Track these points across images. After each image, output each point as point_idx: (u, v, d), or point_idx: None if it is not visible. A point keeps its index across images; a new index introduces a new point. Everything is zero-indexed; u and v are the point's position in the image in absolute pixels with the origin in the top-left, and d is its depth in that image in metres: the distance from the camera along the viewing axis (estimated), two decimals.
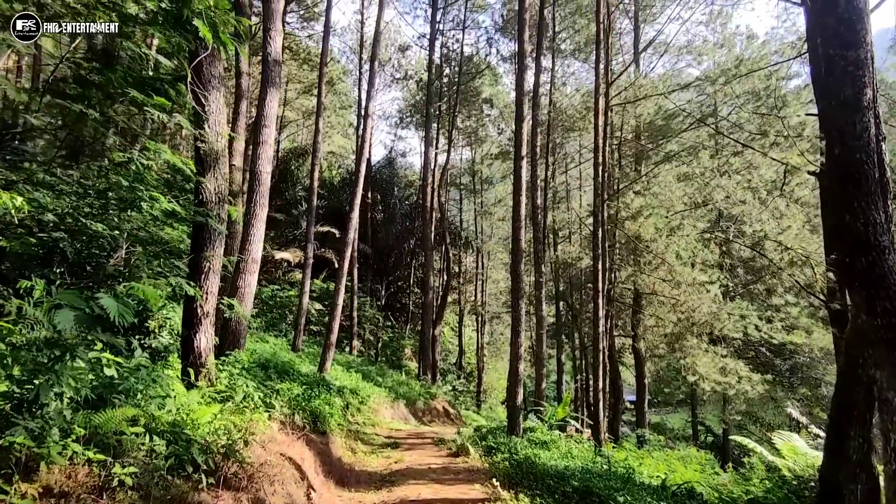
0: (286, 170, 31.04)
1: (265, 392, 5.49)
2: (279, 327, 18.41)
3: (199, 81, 4.95)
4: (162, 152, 3.87)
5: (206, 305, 4.92)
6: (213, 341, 5.14)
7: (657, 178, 16.28)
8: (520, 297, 9.34)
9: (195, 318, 4.89)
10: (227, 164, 5.21)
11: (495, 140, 32.52)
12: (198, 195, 4.97)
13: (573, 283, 25.07)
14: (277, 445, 4.54)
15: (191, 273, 4.97)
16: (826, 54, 3.73)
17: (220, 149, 5.08)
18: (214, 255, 4.99)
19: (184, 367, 4.86)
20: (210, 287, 4.94)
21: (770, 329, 15.47)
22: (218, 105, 5.08)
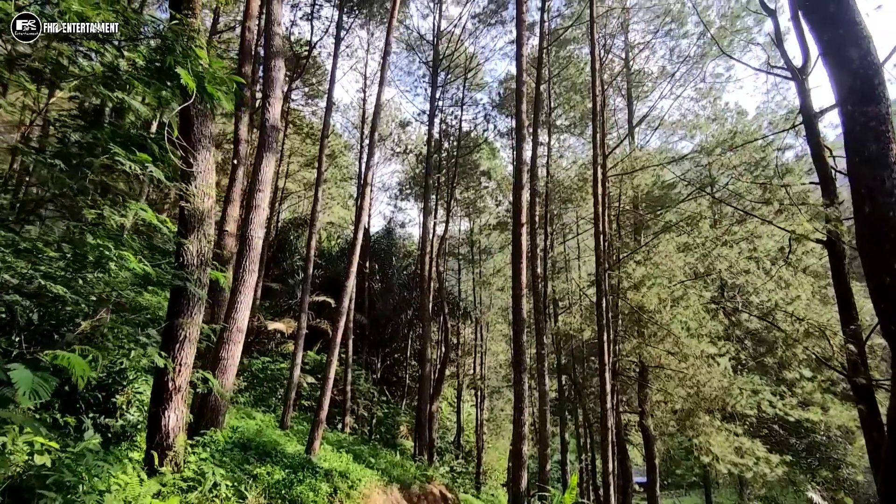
0: (285, 240, 31.06)
1: (239, 479, 4.88)
2: (268, 402, 17.50)
3: (188, 139, 4.78)
4: (138, 209, 3.58)
5: (178, 378, 4.45)
6: (185, 419, 4.61)
7: (657, 248, 16.11)
8: (522, 371, 8.79)
9: (165, 392, 4.41)
10: (213, 225, 4.93)
11: (493, 211, 32.86)
12: (178, 257, 4.65)
13: (575, 356, 24.30)
14: None
15: (164, 342, 4.55)
16: (845, 111, 3.54)
17: (206, 209, 4.82)
18: (192, 323, 4.58)
19: (148, 450, 4.31)
20: (184, 358, 4.49)
21: (784, 405, 14.72)
22: (206, 165, 4.88)
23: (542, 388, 14.24)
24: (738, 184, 12.03)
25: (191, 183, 4.72)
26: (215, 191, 5.04)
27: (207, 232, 4.80)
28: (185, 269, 4.58)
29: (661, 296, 14.77)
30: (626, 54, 19.04)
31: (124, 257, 3.31)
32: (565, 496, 10.36)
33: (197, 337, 4.66)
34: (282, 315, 21.88)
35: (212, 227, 4.90)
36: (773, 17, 10.87)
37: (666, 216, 16.31)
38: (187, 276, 4.52)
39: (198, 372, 4.71)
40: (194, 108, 4.80)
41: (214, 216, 4.99)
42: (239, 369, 18.13)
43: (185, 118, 4.83)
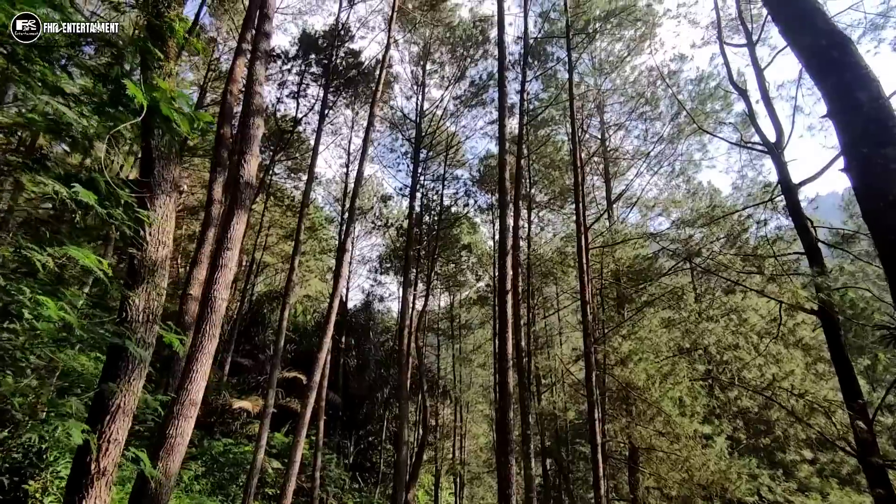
0: (258, 313, 30.03)
1: None
2: (228, 490, 15.85)
3: (146, 182, 4.35)
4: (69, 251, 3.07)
5: (103, 459, 3.71)
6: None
7: (642, 323, 15.77)
8: (510, 452, 8.00)
9: (84, 477, 3.65)
10: (166, 279, 4.39)
11: (474, 286, 32.54)
12: (122, 312, 4.06)
13: (560, 438, 23.08)
14: None
15: (92, 413, 3.85)
16: (857, 156, 3.31)
17: (160, 259, 4.30)
18: (129, 391, 3.91)
19: None
20: (114, 433, 3.78)
21: (784, 491, 13.87)
22: (165, 210, 4.42)
23: (527, 471, 13.19)
24: (721, 256, 11.94)
25: (146, 230, 4.24)
26: (172, 242, 4.54)
27: (159, 285, 4.25)
28: (128, 326, 3.98)
29: (649, 371, 14.20)
30: (602, 134, 19.72)
31: (42, 303, 2.75)
32: None
33: (133, 408, 3.97)
34: (249, 392, 20.52)
35: (164, 281, 4.36)
36: (744, 97, 11.31)
37: (649, 290, 16.11)
38: (129, 333, 3.92)
39: (129, 450, 3.97)
40: (156, 151, 4.42)
41: (170, 269, 4.46)
42: (198, 452, 16.61)
43: (146, 160, 4.44)
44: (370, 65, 21.37)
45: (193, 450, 16.22)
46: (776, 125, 10.44)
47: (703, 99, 15.26)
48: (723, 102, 15.85)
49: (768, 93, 10.78)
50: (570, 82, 11.92)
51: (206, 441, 16.89)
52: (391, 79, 23.28)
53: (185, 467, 15.13)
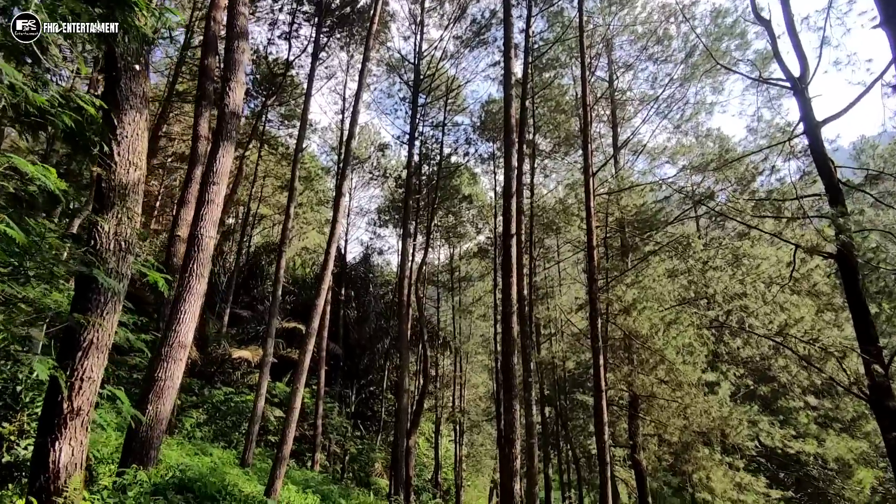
0: (256, 265, 29.76)
1: None
2: (230, 437, 15.96)
3: (112, 96, 3.83)
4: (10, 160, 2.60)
5: (77, 398, 3.37)
6: (86, 454, 3.50)
7: (646, 271, 15.46)
8: (513, 397, 7.79)
9: (57, 417, 3.32)
10: (139, 203, 3.93)
11: (474, 238, 32.15)
12: (90, 240, 3.62)
13: (559, 387, 23.27)
14: None
15: (63, 349, 3.48)
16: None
17: (131, 182, 3.84)
18: (102, 326, 3.53)
19: (30, 493, 3.19)
20: (87, 371, 3.42)
21: (783, 437, 13.94)
22: (135, 128, 3.92)
23: (529, 418, 13.18)
24: (734, 201, 11.45)
25: (113, 149, 3.75)
26: (145, 163, 4.06)
27: (131, 210, 3.81)
28: (96, 255, 3.56)
29: (653, 320, 14.00)
30: (611, 76, 18.84)
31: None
32: None
33: (108, 345, 3.60)
34: (249, 343, 20.47)
35: (138, 207, 3.91)
36: (768, 29, 10.53)
37: (655, 238, 15.71)
38: (97, 262, 3.50)
39: (106, 388, 3.63)
40: (121, 60, 3.88)
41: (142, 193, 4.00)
42: (199, 400, 16.63)
43: (111, 73, 3.90)
44: (366, 2, 20.17)
45: (194, 398, 16.24)
46: (801, 59, 9.73)
47: (720, 35, 14.39)
48: (740, 40, 14.97)
49: (794, 23, 10.02)
50: (581, 8, 11.09)
51: (206, 390, 16.90)
52: (388, 17, 22.06)
53: (187, 415, 15.15)
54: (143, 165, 4.00)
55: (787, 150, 11.59)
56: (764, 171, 12.08)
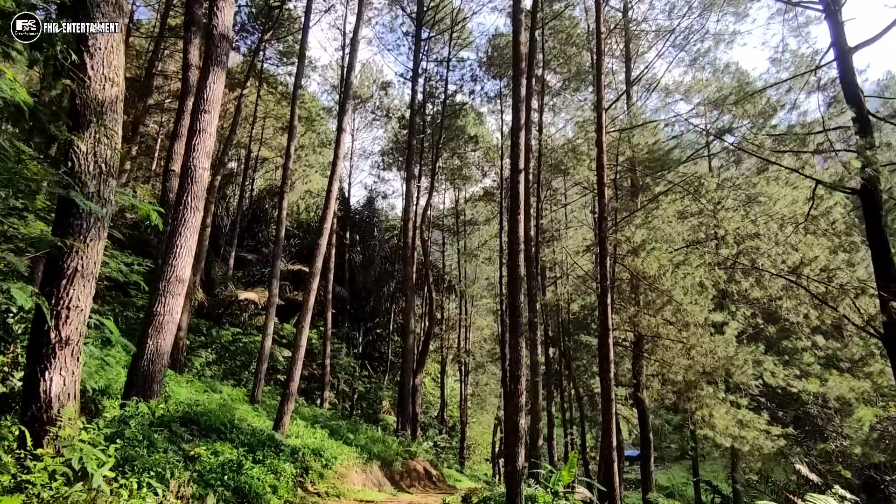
0: (260, 209, 29.51)
1: (165, 461, 3.69)
2: (240, 376, 16.29)
3: (83, 4, 3.45)
4: None
5: (64, 327, 3.21)
6: (79, 384, 3.37)
7: (656, 212, 15.11)
8: (519, 335, 7.69)
9: (45, 346, 3.16)
10: (119, 123, 3.63)
11: (479, 181, 31.60)
12: (67, 161, 3.36)
13: (563, 328, 23.46)
14: None
15: (46, 276, 3.28)
16: None
17: (109, 99, 3.52)
18: (86, 253, 3.32)
19: (22, 422, 3.09)
20: (73, 299, 3.24)
21: (787, 376, 14.03)
22: (110, 41, 3.56)
23: (533, 358, 13.28)
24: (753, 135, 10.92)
25: (86, 60, 3.41)
26: (123, 80, 3.72)
27: (110, 130, 3.51)
28: (75, 178, 3.30)
29: (662, 261, 13.81)
30: (625, 5, 17.75)
31: None
32: (563, 472, 9.43)
33: (95, 273, 3.41)
34: (255, 285, 20.54)
35: (118, 127, 3.61)
36: None
37: (667, 177, 15.26)
38: (74, 184, 3.25)
39: (93, 318, 3.48)
40: None
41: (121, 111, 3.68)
42: (207, 340, 16.85)
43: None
44: None
45: (203, 338, 16.45)
46: None
47: None
48: None
49: None
50: None
51: (214, 330, 17.10)
52: None
53: (196, 355, 15.38)
54: (121, 82, 3.67)
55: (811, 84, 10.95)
56: (785, 104, 11.47)
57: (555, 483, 9.26)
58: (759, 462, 16.98)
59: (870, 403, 16.03)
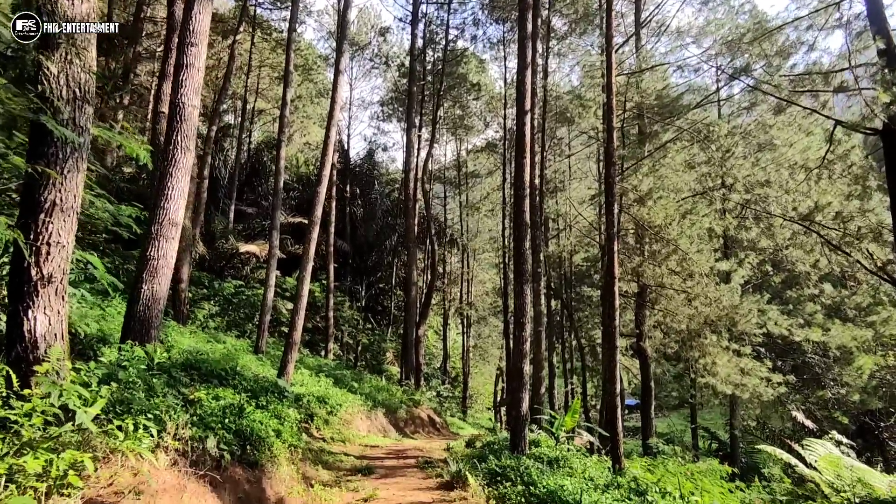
0: (258, 161, 29.00)
1: (164, 405, 3.58)
2: (244, 328, 16.36)
3: None
4: None
5: (46, 264, 3.02)
6: (64, 323, 3.21)
7: (664, 160, 14.72)
8: (524, 282, 7.56)
9: (27, 284, 2.98)
10: (93, 45, 3.31)
11: (482, 132, 30.90)
12: (37, 85, 3.07)
13: (566, 280, 23.44)
14: (155, 499, 2.67)
15: (23, 209, 3.07)
16: None
17: (80, 16, 3.20)
18: (65, 186, 3.09)
19: (7, 363, 2.95)
20: (54, 234, 3.04)
21: (791, 325, 14.01)
22: None
23: (537, 307, 13.24)
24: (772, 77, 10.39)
25: None
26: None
27: (84, 51, 3.20)
28: (47, 103, 3.03)
29: (668, 209, 13.54)
30: None
31: None
32: (566, 418, 9.51)
33: (76, 207, 3.19)
34: (255, 238, 20.37)
35: (92, 47, 3.30)
36: None
37: (676, 123, 14.77)
38: (46, 109, 2.98)
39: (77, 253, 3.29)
40: None
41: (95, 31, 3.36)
42: (210, 293, 16.85)
43: None
44: None
45: (205, 290, 16.42)
46: None
47: None
48: None
49: None
50: None
51: (216, 283, 17.06)
52: None
53: (199, 307, 15.39)
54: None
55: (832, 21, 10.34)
56: (804, 43, 10.87)
57: (558, 428, 9.35)
58: (758, 409, 17.26)
59: (870, 352, 16.12)
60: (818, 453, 8.35)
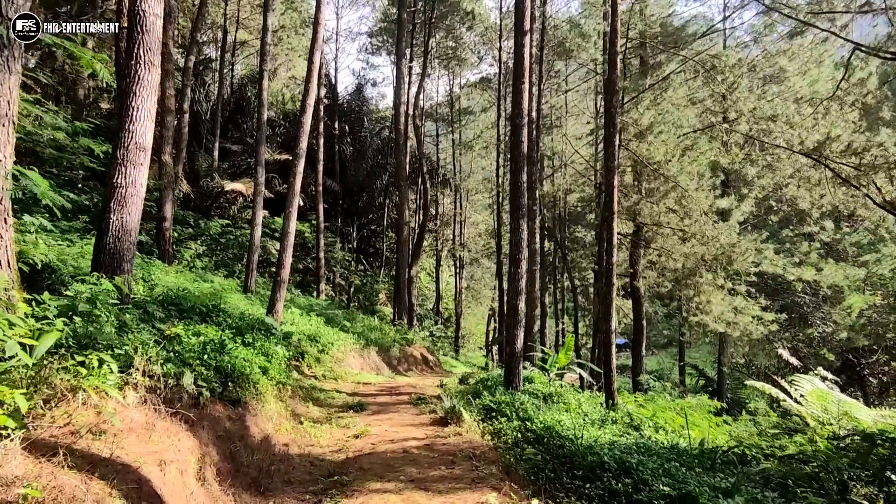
0: (242, 98, 27.76)
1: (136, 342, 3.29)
2: (233, 268, 16.04)
3: None
4: None
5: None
6: (10, 250, 2.84)
7: (666, 94, 14.09)
8: (521, 217, 7.21)
9: None
10: None
11: (475, 65, 29.60)
12: None
13: (561, 220, 23.17)
14: (118, 438, 2.42)
15: None
16: None
17: None
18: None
19: None
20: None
21: (786, 264, 13.95)
22: None
23: (532, 246, 13.00)
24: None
25: None
26: None
27: None
28: None
29: (669, 145, 13.08)
30: None
31: None
32: (560, 355, 9.48)
33: (13, 117, 2.75)
34: (241, 176, 19.69)
35: None
36: None
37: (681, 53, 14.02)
38: None
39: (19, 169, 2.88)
40: None
41: None
42: (196, 232, 16.41)
43: None
44: None
45: (191, 230, 15.96)
46: None
47: None
48: None
49: None
50: None
51: (202, 222, 16.57)
52: None
53: (185, 246, 14.99)
54: None
55: None
56: None
57: (551, 365, 9.34)
58: (746, 347, 17.53)
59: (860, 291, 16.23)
60: (805, 389, 8.39)
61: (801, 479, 4.95)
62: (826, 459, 5.43)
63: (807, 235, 13.93)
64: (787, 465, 5.59)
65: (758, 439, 7.54)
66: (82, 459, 2.08)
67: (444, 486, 3.08)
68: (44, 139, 7.48)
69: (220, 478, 2.92)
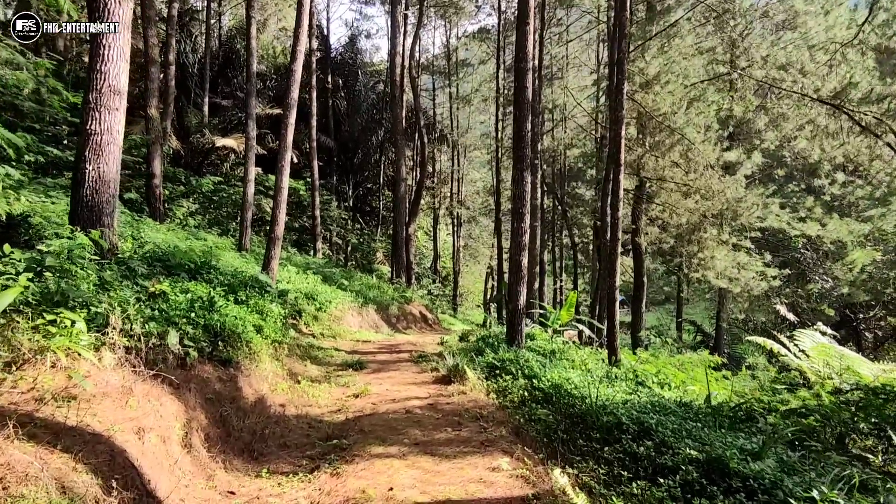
0: (231, 50, 26.64)
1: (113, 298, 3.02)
2: (227, 227, 15.71)
3: None
4: None
5: None
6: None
7: (674, 41, 13.44)
8: (524, 168, 6.87)
9: None
10: None
11: (473, 15, 28.40)
12: None
13: (561, 175, 22.72)
14: (91, 404, 2.18)
15: None
16: None
17: None
18: None
19: None
20: None
21: (791, 219, 13.70)
22: None
23: (533, 201, 12.67)
24: None
25: None
26: None
27: None
28: None
29: (676, 95, 12.57)
30: None
31: None
32: (562, 312, 9.32)
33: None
34: (233, 131, 19.06)
35: None
36: None
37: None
38: None
39: None
40: None
41: None
42: (187, 189, 15.98)
43: None
44: None
45: (182, 188, 15.54)
46: None
47: None
48: None
49: None
50: None
51: (194, 179, 16.12)
52: None
53: (177, 204, 14.61)
54: None
55: None
56: None
57: (553, 322, 9.19)
58: (747, 304, 17.47)
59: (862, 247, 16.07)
60: (806, 344, 8.29)
61: (804, 433, 4.87)
62: (827, 414, 5.36)
63: (811, 190, 13.61)
64: (788, 420, 5.51)
65: (759, 393, 7.48)
66: (45, 429, 1.85)
67: (451, 451, 2.88)
68: (23, 93, 7.04)
69: (208, 444, 2.72)
